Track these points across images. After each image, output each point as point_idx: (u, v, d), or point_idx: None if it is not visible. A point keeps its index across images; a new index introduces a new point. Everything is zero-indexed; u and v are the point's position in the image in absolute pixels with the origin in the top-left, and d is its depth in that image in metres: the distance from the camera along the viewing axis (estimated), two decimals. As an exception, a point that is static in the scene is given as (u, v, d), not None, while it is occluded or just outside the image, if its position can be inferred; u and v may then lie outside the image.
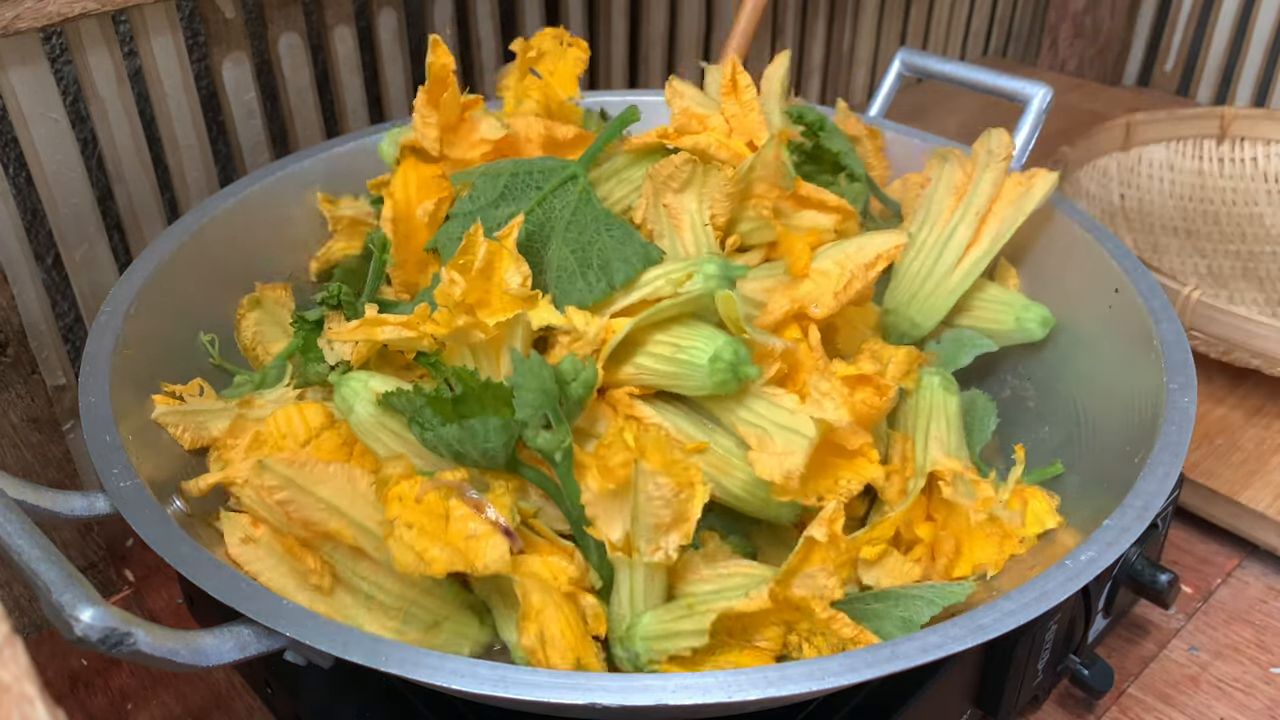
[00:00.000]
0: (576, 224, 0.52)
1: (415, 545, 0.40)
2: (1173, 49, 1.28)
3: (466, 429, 0.44)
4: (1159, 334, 0.51)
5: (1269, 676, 0.59)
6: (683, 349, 0.49)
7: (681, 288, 0.50)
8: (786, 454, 0.46)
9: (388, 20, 0.78)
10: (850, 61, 1.17)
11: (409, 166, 0.58)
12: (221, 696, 0.58)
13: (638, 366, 0.49)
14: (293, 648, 0.38)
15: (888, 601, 0.45)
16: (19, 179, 0.68)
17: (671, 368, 0.49)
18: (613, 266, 0.50)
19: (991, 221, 0.58)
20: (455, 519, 0.42)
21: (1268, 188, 0.95)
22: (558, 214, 0.53)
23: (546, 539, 0.45)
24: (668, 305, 0.49)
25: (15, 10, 0.55)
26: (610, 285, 0.50)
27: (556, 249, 0.52)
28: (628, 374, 0.49)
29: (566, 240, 0.52)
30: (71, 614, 0.34)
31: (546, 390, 0.45)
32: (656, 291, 0.50)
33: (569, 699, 0.35)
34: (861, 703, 0.46)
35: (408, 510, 0.41)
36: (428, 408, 0.45)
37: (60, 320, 0.72)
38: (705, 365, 0.47)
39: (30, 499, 0.42)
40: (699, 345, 0.48)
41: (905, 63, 0.73)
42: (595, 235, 0.52)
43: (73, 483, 0.61)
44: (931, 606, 0.44)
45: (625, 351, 0.49)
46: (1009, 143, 0.58)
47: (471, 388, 0.45)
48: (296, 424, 0.48)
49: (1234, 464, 0.68)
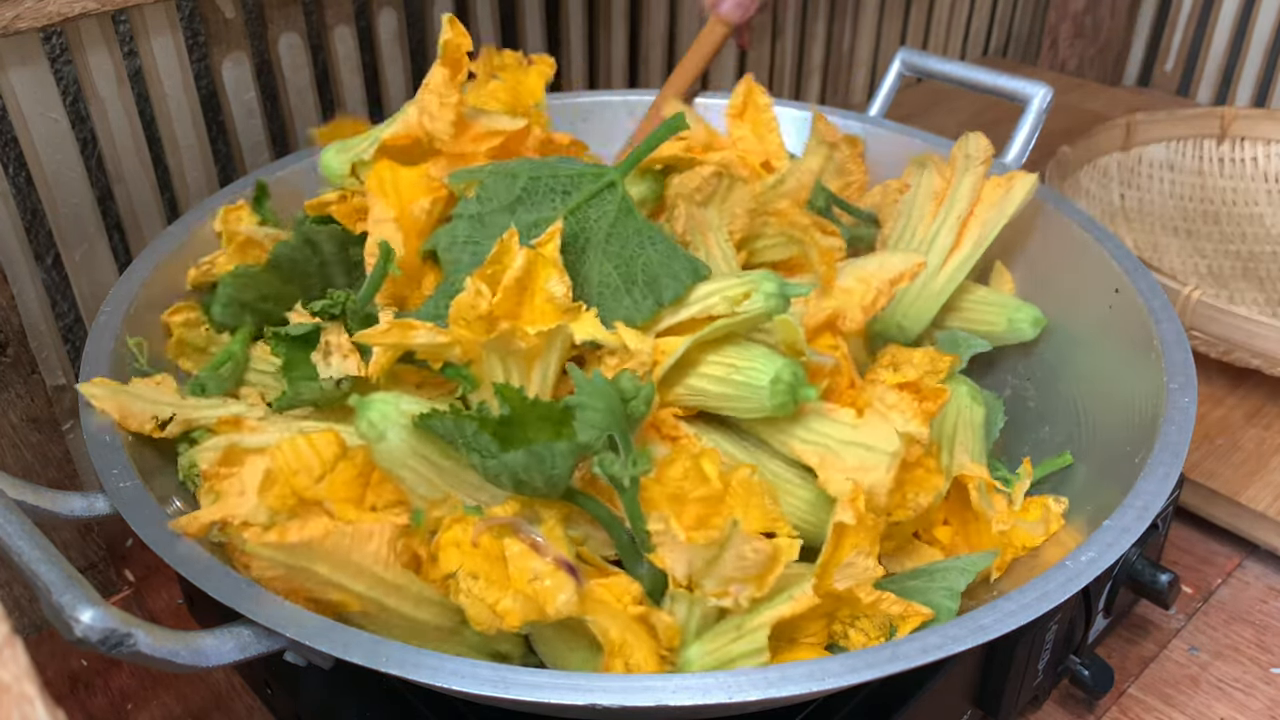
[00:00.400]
0: (618, 236, 0.49)
1: (487, 598, 0.38)
2: (1173, 49, 1.28)
3: (533, 455, 0.40)
4: (1159, 334, 0.51)
5: (1269, 676, 0.59)
6: (740, 370, 0.47)
7: (739, 306, 0.47)
8: (863, 470, 0.44)
9: (388, 20, 0.78)
10: (850, 61, 1.17)
11: (385, 169, 0.54)
12: (221, 697, 0.58)
13: (689, 388, 0.47)
14: (293, 648, 0.38)
15: (923, 578, 0.45)
16: (19, 179, 0.68)
17: (727, 389, 0.47)
18: (661, 283, 0.48)
19: (973, 225, 0.58)
20: (514, 559, 0.39)
21: (1268, 188, 0.95)
22: (594, 225, 0.49)
23: (596, 567, 0.43)
24: (723, 325, 0.47)
25: (15, 10, 0.55)
26: (659, 303, 0.47)
27: (596, 263, 0.49)
28: (677, 395, 0.47)
29: (608, 254, 0.49)
30: (71, 615, 0.34)
31: (614, 411, 0.42)
32: (709, 309, 0.48)
33: (569, 699, 0.35)
34: (861, 703, 0.46)
35: (469, 559, 0.39)
36: (483, 432, 0.40)
37: (60, 320, 0.72)
38: (766, 387, 0.46)
39: (30, 499, 0.42)
40: (758, 366, 0.46)
41: (905, 63, 0.73)
42: (639, 249, 0.49)
43: (73, 483, 0.61)
44: (965, 575, 0.44)
45: (676, 372, 0.47)
46: (987, 146, 0.58)
47: (518, 407, 0.41)
48: (308, 456, 0.43)
49: (1234, 464, 0.68)
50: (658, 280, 0.48)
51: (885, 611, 0.41)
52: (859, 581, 0.41)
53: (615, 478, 0.41)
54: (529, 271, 0.44)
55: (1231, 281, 0.87)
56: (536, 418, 0.41)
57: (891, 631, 0.42)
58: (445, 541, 0.40)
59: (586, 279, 0.48)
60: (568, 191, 0.50)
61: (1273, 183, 0.95)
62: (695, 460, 0.42)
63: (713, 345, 0.48)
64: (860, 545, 0.41)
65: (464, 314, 0.44)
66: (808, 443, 0.47)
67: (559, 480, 0.41)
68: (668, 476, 0.43)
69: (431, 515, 0.41)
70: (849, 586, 0.41)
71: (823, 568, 0.41)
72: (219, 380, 0.51)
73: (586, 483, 0.44)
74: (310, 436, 0.44)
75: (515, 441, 0.41)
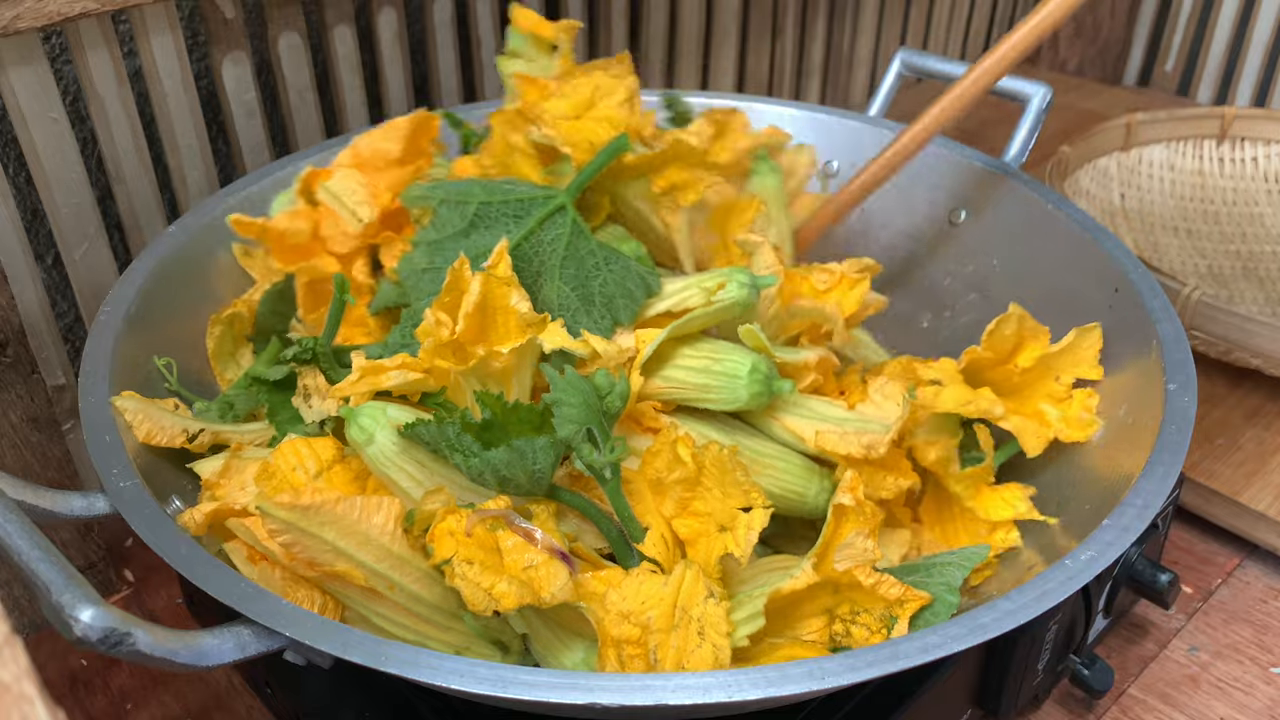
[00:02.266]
0: (573, 258, 0.51)
1: (482, 582, 0.39)
2: (1173, 49, 1.28)
3: (515, 451, 0.41)
4: (1159, 334, 0.51)
5: (1269, 676, 0.59)
6: (719, 360, 0.49)
7: (714, 296, 0.50)
8: (860, 434, 0.47)
9: (388, 20, 0.78)
10: (850, 61, 1.17)
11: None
12: (221, 696, 0.58)
13: (668, 379, 0.49)
14: (292, 648, 0.38)
15: (920, 573, 0.45)
16: (19, 179, 0.68)
17: (708, 379, 0.49)
18: (616, 304, 0.50)
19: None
20: (508, 550, 0.40)
21: (1268, 188, 0.95)
22: (548, 249, 0.51)
23: (591, 562, 0.44)
24: (700, 314, 0.49)
25: (15, 10, 0.55)
26: (616, 322, 0.50)
27: (554, 286, 0.50)
28: (656, 387, 0.49)
29: (565, 277, 0.50)
30: (71, 614, 0.34)
31: (590, 405, 0.43)
32: (684, 302, 0.50)
33: (568, 699, 0.35)
34: (861, 702, 0.46)
35: (464, 546, 0.40)
36: (465, 434, 0.42)
37: (60, 320, 0.72)
38: (744, 377, 0.48)
39: (30, 499, 0.42)
40: (735, 359, 0.49)
41: (905, 63, 0.72)
42: (595, 270, 0.51)
43: (73, 483, 0.61)
44: (961, 569, 0.45)
45: (655, 364, 0.49)
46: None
47: (499, 412, 0.43)
48: (306, 456, 0.45)
49: (1234, 464, 0.68)
50: (614, 300, 0.50)
51: (884, 596, 0.42)
52: (858, 563, 0.41)
53: (595, 468, 0.43)
54: (486, 295, 0.45)
55: (1231, 281, 0.87)
56: (517, 420, 0.43)
57: (892, 622, 0.42)
58: (439, 531, 0.40)
59: (546, 301, 0.50)
60: (519, 215, 0.52)
61: (1273, 183, 0.95)
62: (671, 445, 0.43)
63: (690, 340, 0.50)
64: (860, 526, 0.42)
65: (432, 344, 0.45)
66: (803, 418, 0.49)
67: (542, 476, 0.42)
68: (653, 468, 0.44)
69: (424, 510, 0.42)
70: (848, 569, 0.41)
71: (823, 546, 0.42)
72: (246, 399, 0.52)
73: (572, 480, 0.46)
74: (309, 440, 0.46)
75: (497, 442, 0.42)
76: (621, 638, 0.40)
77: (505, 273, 0.46)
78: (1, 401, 0.56)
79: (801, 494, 0.49)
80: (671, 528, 0.45)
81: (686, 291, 0.50)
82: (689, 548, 0.45)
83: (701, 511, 0.44)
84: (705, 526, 0.44)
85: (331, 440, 0.46)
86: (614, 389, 0.45)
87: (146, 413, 0.48)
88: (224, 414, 0.51)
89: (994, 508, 0.51)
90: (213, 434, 0.49)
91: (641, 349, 0.48)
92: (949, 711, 0.50)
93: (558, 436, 0.42)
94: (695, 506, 0.44)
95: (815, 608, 0.43)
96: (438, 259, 0.51)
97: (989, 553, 0.47)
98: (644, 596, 0.41)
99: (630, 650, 0.40)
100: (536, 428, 0.43)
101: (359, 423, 0.45)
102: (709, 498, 0.44)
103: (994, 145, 0.67)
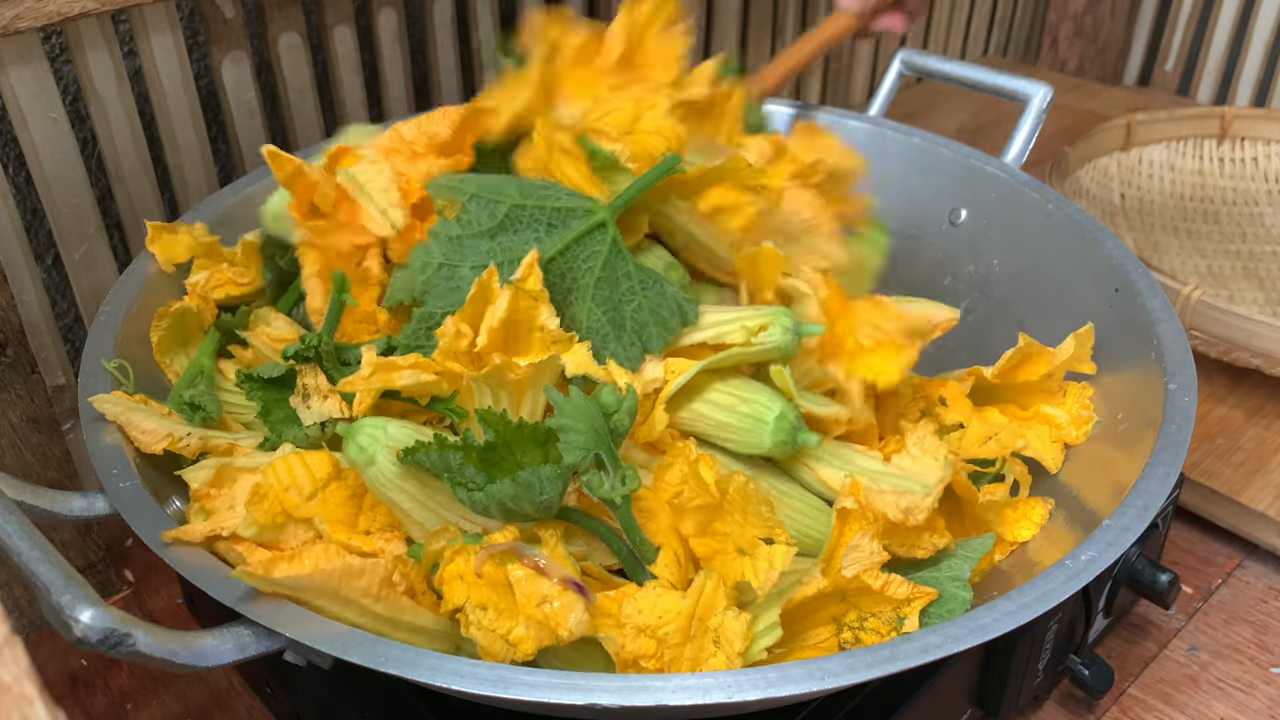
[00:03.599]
0: (608, 280, 0.48)
1: (498, 628, 0.37)
2: (1173, 49, 1.28)
3: (520, 483, 0.39)
4: (1159, 334, 0.51)
5: (1269, 676, 0.59)
6: (746, 401, 0.47)
7: (755, 337, 0.47)
8: (900, 494, 0.45)
9: (388, 20, 0.78)
10: (850, 61, 1.17)
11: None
12: (221, 696, 0.58)
13: (693, 412, 0.47)
14: (292, 648, 0.38)
15: (927, 568, 0.45)
16: (19, 179, 0.68)
17: (732, 419, 0.47)
18: (648, 331, 0.47)
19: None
20: (519, 584, 0.38)
21: (1268, 188, 0.95)
22: (583, 268, 0.48)
23: (601, 580, 0.43)
24: (737, 354, 0.47)
25: (15, 10, 0.55)
26: (646, 350, 0.47)
27: (585, 308, 0.48)
28: (680, 419, 0.47)
29: (597, 299, 0.48)
30: (71, 615, 0.34)
31: (597, 430, 0.41)
32: (722, 336, 0.48)
33: (569, 699, 0.35)
34: (862, 702, 0.46)
35: (475, 590, 0.38)
36: (467, 465, 0.40)
37: (60, 320, 0.72)
38: (770, 423, 0.46)
39: (30, 499, 0.42)
40: (764, 402, 0.47)
41: (905, 62, 0.73)
42: (629, 295, 0.48)
43: (72, 483, 0.61)
44: (969, 561, 0.45)
45: (682, 395, 0.47)
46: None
47: (502, 431, 0.41)
48: (300, 475, 0.43)
49: (1234, 464, 0.68)
50: (646, 328, 0.48)
51: (893, 596, 0.41)
52: (866, 566, 0.41)
53: (607, 499, 0.41)
54: (513, 310, 0.44)
55: (1231, 281, 0.87)
56: (522, 440, 0.41)
57: (900, 623, 0.42)
58: (449, 575, 0.39)
59: (575, 322, 0.48)
60: (552, 225, 0.49)
61: (1273, 183, 0.95)
62: (693, 465, 0.42)
63: (721, 374, 0.48)
64: (865, 528, 0.42)
65: (450, 352, 0.44)
66: (834, 467, 0.48)
67: (550, 504, 0.41)
68: (664, 482, 0.43)
69: (431, 549, 0.40)
70: (856, 573, 0.41)
71: (830, 550, 0.41)
72: (214, 400, 0.50)
73: (581, 496, 0.44)
74: (304, 455, 0.43)
75: (501, 469, 0.40)
76: (638, 653, 0.39)
77: (535, 286, 0.45)
78: (1, 401, 0.56)
79: (819, 538, 0.48)
80: (687, 545, 0.43)
81: (727, 326, 0.48)
82: (705, 564, 0.43)
83: (720, 532, 0.43)
84: (723, 546, 0.43)
85: (327, 455, 0.44)
86: (621, 406, 0.43)
87: (128, 417, 0.46)
88: (190, 417, 0.49)
89: (1019, 529, 0.49)
90: (201, 438, 0.47)
91: (671, 380, 0.46)
92: (949, 711, 0.50)
93: (564, 463, 0.41)
94: (715, 527, 0.43)
95: (823, 617, 0.42)
96: (455, 256, 0.48)
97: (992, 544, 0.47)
98: (661, 610, 0.40)
99: (647, 665, 0.39)
100: (542, 447, 0.41)
101: (358, 442, 0.42)
102: (729, 520, 0.42)
103: (994, 145, 0.67)
